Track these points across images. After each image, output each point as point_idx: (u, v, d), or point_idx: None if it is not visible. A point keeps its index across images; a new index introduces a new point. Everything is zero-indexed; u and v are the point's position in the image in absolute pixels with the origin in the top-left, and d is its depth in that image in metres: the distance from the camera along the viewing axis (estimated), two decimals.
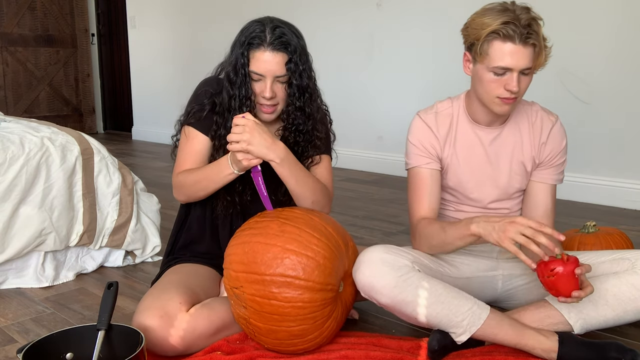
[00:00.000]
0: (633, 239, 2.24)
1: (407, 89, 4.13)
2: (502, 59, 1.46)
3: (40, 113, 6.38)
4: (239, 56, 1.58)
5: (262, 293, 1.42)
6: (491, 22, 1.45)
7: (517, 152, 1.65)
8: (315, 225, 1.50)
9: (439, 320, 1.47)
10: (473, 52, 1.51)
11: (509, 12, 1.45)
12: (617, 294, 1.49)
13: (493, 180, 1.66)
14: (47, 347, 1.38)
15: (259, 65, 1.57)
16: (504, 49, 1.45)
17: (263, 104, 1.61)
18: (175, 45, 5.81)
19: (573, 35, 3.30)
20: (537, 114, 1.66)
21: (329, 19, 4.52)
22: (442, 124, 1.65)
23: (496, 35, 1.45)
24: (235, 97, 1.61)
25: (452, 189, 1.69)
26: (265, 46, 1.56)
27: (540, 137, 1.65)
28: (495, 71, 1.48)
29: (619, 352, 1.40)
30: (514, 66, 1.46)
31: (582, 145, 3.33)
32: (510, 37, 1.43)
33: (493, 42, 1.46)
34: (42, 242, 2.12)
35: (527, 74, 1.49)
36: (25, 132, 2.21)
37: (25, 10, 6.27)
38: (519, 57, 1.45)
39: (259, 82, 1.59)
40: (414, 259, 1.53)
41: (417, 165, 1.66)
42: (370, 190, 3.80)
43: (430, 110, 1.68)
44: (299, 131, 1.68)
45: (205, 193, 1.66)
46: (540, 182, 1.67)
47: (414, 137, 1.67)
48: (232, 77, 1.60)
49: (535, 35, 1.45)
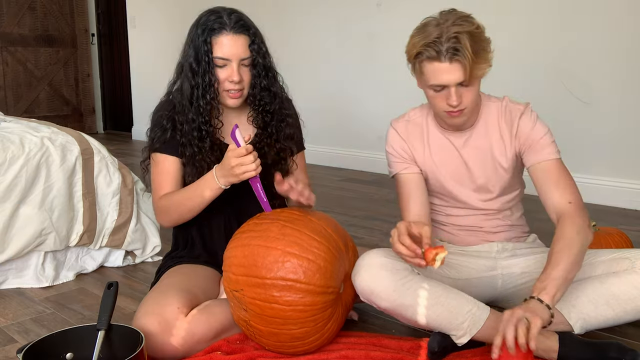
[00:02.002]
0: (633, 239, 2.23)
1: (407, 89, 4.12)
2: (435, 77, 1.48)
3: (40, 113, 6.37)
4: (200, 44, 1.59)
5: (262, 297, 1.42)
6: (418, 42, 1.47)
7: (489, 152, 1.65)
8: (315, 227, 1.50)
9: (439, 323, 1.46)
10: (413, 70, 1.55)
11: (437, 28, 1.45)
12: (617, 294, 1.49)
13: (472, 182, 1.67)
14: (47, 347, 1.38)
15: (224, 49, 1.59)
16: (434, 67, 1.47)
17: (230, 89, 1.62)
18: (175, 45, 5.79)
19: (573, 35, 3.30)
20: (505, 108, 1.65)
21: (329, 19, 4.51)
22: (412, 132, 1.69)
23: (422, 57, 1.47)
24: (199, 86, 1.61)
25: (438, 193, 1.71)
26: (228, 30, 1.59)
27: (512, 128, 1.62)
28: (434, 88, 1.50)
29: (619, 352, 1.40)
30: (448, 82, 1.47)
31: (582, 145, 3.33)
32: (436, 57, 1.45)
33: (423, 62, 1.48)
34: (42, 242, 2.12)
35: (467, 85, 1.49)
36: (25, 132, 2.21)
37: (25, 10, 6.27)
38: (449, 74, 1.45)
39: (224, 68, 1.60)
40: None
41: (398, 171, 1.69)
42: (370, 190, 3.80)
43: (402, 118, 1.72)
44: (267, 111, 1.70)
45: (191, 214, 1.66)
46: (537, 163, 1.59)
47: (389, 145, 1.71)
48: (194, 67, 1.60)
49: (462, 51, 1.42)
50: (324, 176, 4.24)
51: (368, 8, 4.28)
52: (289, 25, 4.65)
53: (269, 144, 1.74)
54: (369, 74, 4.37)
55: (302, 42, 4.67)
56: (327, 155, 4.66)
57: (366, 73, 4.38)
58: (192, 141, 1.64)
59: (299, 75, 4.06)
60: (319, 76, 4.62)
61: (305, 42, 4.66)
